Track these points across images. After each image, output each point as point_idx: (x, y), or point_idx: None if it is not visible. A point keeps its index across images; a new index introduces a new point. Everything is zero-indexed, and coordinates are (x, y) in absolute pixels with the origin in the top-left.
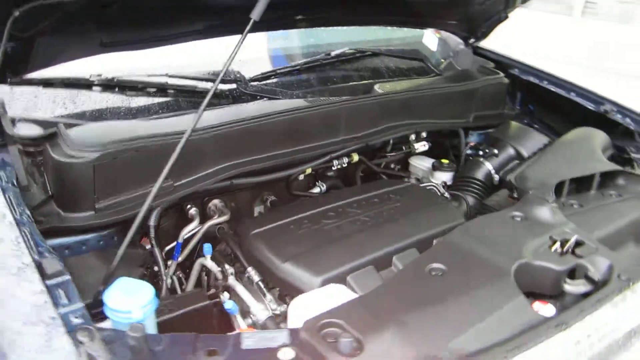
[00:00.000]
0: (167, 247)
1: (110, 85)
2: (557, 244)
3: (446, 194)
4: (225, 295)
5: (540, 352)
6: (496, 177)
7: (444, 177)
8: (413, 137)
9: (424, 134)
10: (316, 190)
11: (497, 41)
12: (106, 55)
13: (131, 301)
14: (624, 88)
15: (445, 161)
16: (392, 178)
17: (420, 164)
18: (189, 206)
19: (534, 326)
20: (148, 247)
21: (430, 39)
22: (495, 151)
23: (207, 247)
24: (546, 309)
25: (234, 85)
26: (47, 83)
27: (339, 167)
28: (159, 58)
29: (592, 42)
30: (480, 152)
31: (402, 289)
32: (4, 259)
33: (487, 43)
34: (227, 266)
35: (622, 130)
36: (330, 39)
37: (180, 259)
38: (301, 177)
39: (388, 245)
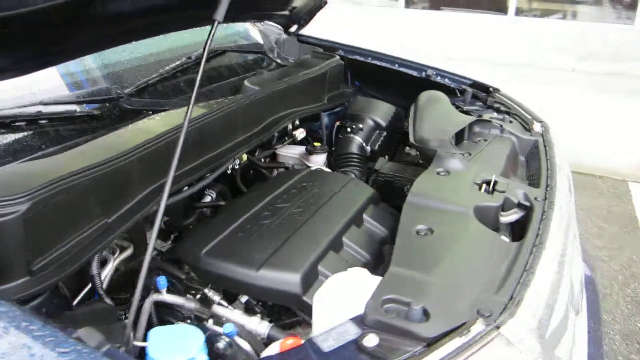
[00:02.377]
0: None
1: None
2: (483, 187)
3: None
4: (209, 323)
5: (541, 272)
6: (368, 149)
7: (320, 159)
8: (290, 126)
9: (297, 122)
10: (207, 199)
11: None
12: None
13: (188, 346)
14: None
15: (317, 144)
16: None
17: (289, 153)
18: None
19: (519, 255)
20: None
21: (254, 32)
22: (361, 125)
23: (162, 280)
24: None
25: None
26: None
27: (231, 169)
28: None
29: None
30: (349, 129)
31: (412, 255)
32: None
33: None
34: (189, 295)
35: (445, 90)
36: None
37: None
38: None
39: (333, 228)
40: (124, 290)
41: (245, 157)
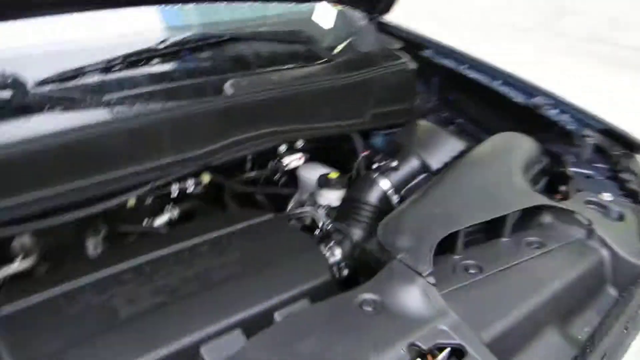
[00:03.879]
0: None
1: None
2: None
3: (329, 224)
4: None
5: None
6: (395, 199)
7: (332, 196)
8: (283, 147)
9: (299, 143)
10: (163, 218)
11: None
12: None
13: None
14: None
15: (334, 175)
16: (272, 198)
17: (311, 177)
18: None
19: None
20: None
21: (324, 14)
22: (395, 163)
23: None
24: None
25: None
26: None
27: (185, 192)
28: None
29: None
30: (375, 165)
31: None
32: None
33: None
34: None
35: (559, 131)
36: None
37: None
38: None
39: (197, 328)
40: None
41: (207, 177)
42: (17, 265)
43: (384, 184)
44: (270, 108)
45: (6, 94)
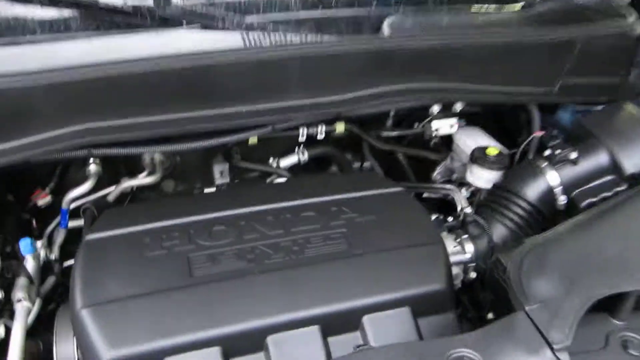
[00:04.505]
0: None
1: None
2: None
3: (469, 212)
4: None
5: None
6: (562, 199)
7: (485, 176)
8: (437, 108)
9: (458, 106)
10: (291, 159)
11: None
12: None
13: None
14: None
15: (493, 151)
16: (418, 160)
17: (466, 144)
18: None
19: None
20: None
21: None
22: (574, 155)
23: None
24: None
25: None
26: None
27: (316, 138)
28: None
29: None
30: (547, 152)
31: None
32: None
33: None
34: None
35: None
36: None
37: None
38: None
39: (270, 313)
40: None
41: (341, 127)
42: (142, 179)
43: (552, 178)
44: (432, 59)
45: (148, 2)
